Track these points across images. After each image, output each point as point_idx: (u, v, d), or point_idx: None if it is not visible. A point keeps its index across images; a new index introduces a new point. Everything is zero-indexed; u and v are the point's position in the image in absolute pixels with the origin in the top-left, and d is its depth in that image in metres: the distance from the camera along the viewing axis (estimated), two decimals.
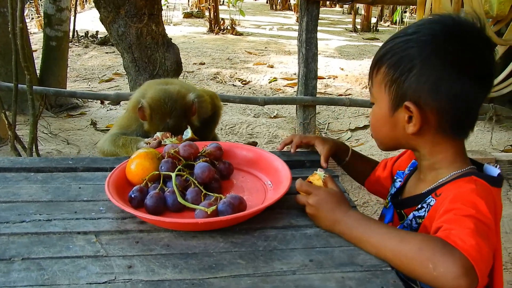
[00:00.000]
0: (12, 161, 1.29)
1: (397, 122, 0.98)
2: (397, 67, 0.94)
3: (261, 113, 4.29)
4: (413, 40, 0.94)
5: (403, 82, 0.94)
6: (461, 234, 0.80)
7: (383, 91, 0.98)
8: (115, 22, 2.68)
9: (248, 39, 8.76)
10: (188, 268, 0.84)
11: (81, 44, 7.55)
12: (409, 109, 0.94)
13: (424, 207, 0.98)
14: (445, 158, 0.99)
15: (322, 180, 1.01)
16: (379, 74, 0.99)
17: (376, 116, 1.04)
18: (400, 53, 0.94)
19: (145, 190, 1.05)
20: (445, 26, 0.94)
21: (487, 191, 0.92)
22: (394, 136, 1.02)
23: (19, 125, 3.37)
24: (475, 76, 0.92)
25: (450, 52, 0.91)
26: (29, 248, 0.89)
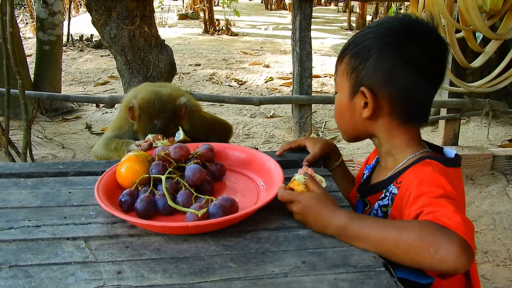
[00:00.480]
0: (2, 166, 1.27)
1: (355, 108, 1.07)
2: (357, 56, 1.04)
3: (257, 113, 4.28)
4: (373, 32, 1.04)
5: (361, 70, 1.03)
6: (447, 214, 0.84)
7: (345, 79, 1.07)
8: (107, 25, 2.67)
9: (243, 39, 8.75)
10: (178, 273, 0.82)
11: (76, 48, 7.52)
12: (364, 94, 1.02)
13: (387, 195, 1.04)
14: (400, 143, 1.06)
15: (302, 184, 0.98)
16: (342, 64, 1.08)
17: (338, 104, 1.12)
18: (360, 44, 1.04)
19: (136, 193, 1.03)
20: (403, 23, 1.05)
21: (442, 171, 0.98)
22: (353, 122, 1.09)
23: (14, 130, 3.36)
24: (425, 72, 1.01)
25: (403, 46, 1.00)
26: (17, 255, 0.87)
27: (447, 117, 3.01)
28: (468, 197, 2.64)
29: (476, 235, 2.28)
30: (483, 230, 2.34)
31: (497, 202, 2.60)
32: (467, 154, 2.92)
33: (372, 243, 0.87)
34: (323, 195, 0.96)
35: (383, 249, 0.86)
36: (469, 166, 2.92)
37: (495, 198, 2.65)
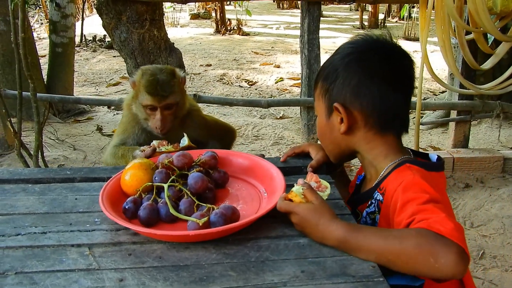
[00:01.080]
0: (11, 172, 1.30)
1: (333, 126, 1.12)
2: (327, 78, 1.11)
3: (267, 114, 4.29)
4: (339, 54, 1.12)
5: (332, 89, 1.09)
6: (439, 221, 0.86)
7: (321, 102, 1.13)
8: (117, 28, 2.70)
9: (254, 39, 8.76)
10: (179, 281, 0.84)
11: (89, 48, 7.61)
12: (338, 110, 1.07)
13: (373, 202, 1.08)
14: (379, 153, 1.10)
15: (301, 194, 0.98)
16: (317, 89, 1.15)
17: (319, 126, 1.19)
18: (328, 66, 1.12)
19: (139, 201, 1.05)
20: (365, 41, 1.12)
21: (422, 175, 1.01)
22: (333, 140, 1.15)
23: (27, 131, 3.42)
24: (390, 81, 1.07)
25: (366, 60, 1.08)
26: (23, 262, 0.90)
27: (457, 119, 2.99)
28: (477, 200, 2.62)
29: (484, 239, 2.26)
30: (492, 234, 2.32)
31: (508, 205, 2.57)
32: (477, 156, 2.89)
33: (373, 254, 0.88)
34: (320, 206, 0.96)
35: (384, 260, 0.87)
36: (480, 168, 2.89)
37: (506, 201, 2.62)
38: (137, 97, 1.54)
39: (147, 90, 1.49)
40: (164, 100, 1.50)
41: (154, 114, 1.51)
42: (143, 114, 1.53)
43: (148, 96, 1.49)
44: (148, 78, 1.51)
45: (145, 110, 1.52)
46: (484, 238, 2.26)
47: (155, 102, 1.49)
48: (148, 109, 1.51)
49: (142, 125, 1.58)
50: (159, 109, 1.50)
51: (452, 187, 2.77)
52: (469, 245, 2.18)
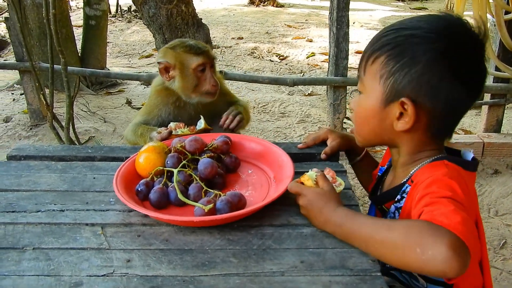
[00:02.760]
0: (37, 149, 1.37)
1: (386, 116, 0.98)
2: (398, 60, 0.93)
3: (295, 91, 4.25)
4: (418, 36, 0.92)
5: (402, 77, 0.93)
6: (445, 212, 0.80)
7: (377, 82, 0.96)
8: (146, 4, 2.72)
9: (288, 11, 8.59)
10: (182, 265, 0.88)
11: (124, 19, 7.69)
12: (404, 105, 0.94)
13: (404, 197, 0.99)
14: (423, 155, 1.01)
15: (313, 180, 1.00)
16: (375, 64, 0.96)
17: (363, 107, 1.02)
18: (402, 45, 0.93)
19: (151, 184, 1.09)
20: (452, 29, 0.93)
21: (458, 174, 0.94)
22: (379, 130, 1.01)
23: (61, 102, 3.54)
24: (470, 84, 0.94)
25: (453, 58, 0.91)
26: (41, 238, 0.96)
27: (491, 103, 2.87)
28: (505, 187, 2.54)
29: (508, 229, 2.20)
30: None
31: None
32: (509, 142, 2.78)
33: (362, 241, 0.88)
34: (328, 192, 0.98)
35: (371, 248, 0.86)
36: (511, 154, 2.79)
37: None
38: (181, 68, 1.52)
39: (193, 51, 1.52)
40: (209, 55, 1.55)
41: (204, 75, 1.54)
42: (193, 81, 1.53)
43: (197, 56, 1.52)
44: (185, 44, 1.54)
45: (195, 74, 1.52)
46: (507, 227, 2.20)
47: (204, 59, 1.53)
48: (199, 72, 1.53)
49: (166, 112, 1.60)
50: (207, 67, 1.54)
51: (480, 172, 2.70)
52: (491, 234, 2.14)
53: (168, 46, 1.59)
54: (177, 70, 1.52)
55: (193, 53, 1.52)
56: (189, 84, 1.53)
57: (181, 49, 1.52)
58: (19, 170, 1.24)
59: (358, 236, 0.88)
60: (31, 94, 3.24)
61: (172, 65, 1.53)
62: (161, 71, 1.55)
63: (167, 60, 1.53)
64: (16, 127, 3.28)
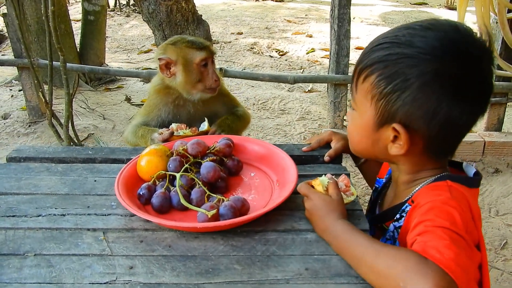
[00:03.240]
0: (37, 150, 1.36)
1: (379, 139, 0.93)
2: (389, 81, 0.86)
3: (295, 87, 4.23)
4: (412, 56, 0.84)
5: (394, 100, 0.86)
6: (437, 245, 0.75)
7: (368, 102, 0.91)
8: (146, 0, 2.69)
9: (288, 6, 8.54)
10: (185, 272, 0.87)
11: (123, 13, 7.64)
12: (397, 131, 0.89)
13: (403, 216, 0.95)
14: (424, 174, 0.96)
15: (324, 186, 0.99)
16: (366, 82, 0.90)
17: (356, 125, 0.98)
18: (395, 66, 0.85)
19: (153, 187, 1.08)
20: (449, 41, 0.85)
21: (462, 196, 0.88)
22: (373, 150, 0.97)
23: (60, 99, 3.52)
24: (474, 99, 0.87)
25: (452, 76, 0.84)
26: (42, 244, 0.95)
27: (492, 101, 2.86)
28: (506, 186, 2.54)
29: (509, 229, 2.20)
30: None
31: None
32: (510, 141, 2.78)
33: (354, 260, 0.85)
34: (336, 202, 0.96)
35: (361, 270, 0.83)
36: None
37: None
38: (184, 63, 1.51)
39: (196, 46, 1.51)
40: (211, 50, 1.55)
41: (206, 70, 1.53)
42: (195, 76, 1.52)
43: (199, 51, 1.51)
44: (187, 39, 1.53)
45: (199, 69, 1.52)
46: (508, 228, 2.20)
47: (207, 54, 1.52)
48: (202, 66, 1.52)
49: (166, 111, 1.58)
50: (209, 62, 1.54)
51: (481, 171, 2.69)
52: (492, 234, 2.13)
53: (168, 42, 1.57)
54: (180, 66, 1.51)
55: (195, 48, 1.51)
56: (192, 79, 1.52)
57: (183, 45, 1.51)
58: (19, 173, 1.23)
59: (351, 253, 0.86)
60: (30, 91, 3.22)
61: (174, 61, 1.51)
62: (162, 68, 1.53)
63: (169, 56, 1.51)
64: (15, 124, 3.26)
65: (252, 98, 3.85)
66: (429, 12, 7.95)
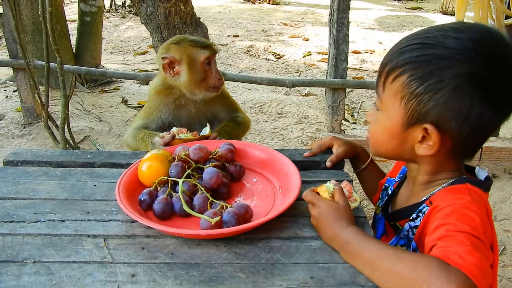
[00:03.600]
0: (35, 153, 1.33)
1: (407, 139, 0.94)
2: (422, 81, 0.86)
3: (292, 91, 4.22)
4: (447, 57, 0.85)
5: (426, 101, 0.87)
6: (459, 251, 0.76)
7: (397, 102, 0.91)
8: (144, 2, 2.68)
9: (284, 9, 8.56)
10: (189, 280, 0.85)
11: (119, 14, 7.61)
12: (427, 131, 0.89)
13: (419, 216, 0.96)
14: (443, 176, 0.97)
15: (330, 192, 0.99)
16: (396, 82, 0.90)
17: (382, 126, 0.98)
18: (429, 67, 0.86)
19: (155, 193, 1.06)
20: (482, 43, 0.86)
21: (481, 201, 0.90)
22: (399, 151, 0.97)
23: (55, 100, 3.49)
24: (503, 103, 0.88)
25: (485, 78, 0.84)
26: (41, 251, 0.92)
27: None
28: (503, 192, 2.55)
29: (507, 235, 2.21)
30: None
31: None
32: (507, 146, 2.79)
33: (367, 264, 0.84)
34: (343, 208, 0.96)
35: (376, 274, 0.83)
36: (509, 159, 2.79)
37: None
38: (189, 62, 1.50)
39: (200, 44, 1.51)
40: (214, 48, 1.55)
41: (210, 68, 1.53)
42: (200, 75, 1.52)
43: (203, 49, 1.51)
44: (190, 38, 1.53)
45: (203, 67, 1.52)
46: (506, 233, 2.20)
47: (211, 52, 1.52)
48: (206, 65, 1.52)
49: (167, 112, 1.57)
50: (213, 61, 1.54)
51: None
52: None
53: (170, 41, 1.56)
54: (184, 65, 1.50)
55: (200, 47, 1.51)
56: (196, 78, 1.51)
57: (187, 43, 1.51)
58: (16, 177, 1.20)
59: (364, 258, 0.85)
60: (25, 92, 3.19)
61: (178, 59, 1.50)
62: (165, 67, 1.51)
63: (172, 55, 1.50)
64: (9, 125, 3.22)
65: (249, 101, 3.84)
66: (424, 17, 8.00)
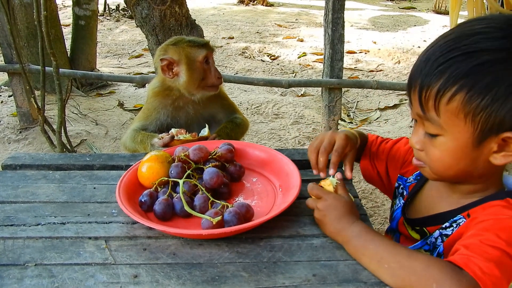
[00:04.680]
0: (33, 157, 1.33)
1: (481, 154, 0.87)
2: (485, 93, 0.80)
3: (288, 91, 4.23)
4: (501, 60, 0.80)
5: (497, 110, 0.81)
6: (482, 264, 0.76)
7: (462, 121, 0.84)
8: (139, 5, 2.67)
9: (278, 10, 8.58)
10: (191, 280, 0.85)
11: (113, 18, 7.60)
12: (506, 140, 0.83)
13: (453, 226, 0.93)
14: (490, 184, 0.94)
15: (333, 187, 0.99)
16: (453, 102, 0.82)
17: (447, 149, 0.89)
18: (487, 76, 0.80)
19: (155, 194, 1.06)
20: None
21: None
22: (471, 169, 0.90)
23: (51, 105, 3.47)
24: None
25: None
26: (42, 254, 0.92)
27: None
28: None
29: None
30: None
31: None
32: None
33: (375, 258, 0.85)
34: (350, 202, 0.97)
35: (384, 268, 0.83)
36: None
37: None
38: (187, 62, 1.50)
39: (197, 44, 1.52)
40: (211, 46, 1.56)
41: (209, 67, 1.54)
42: (199, 74, 1.52)
43: (201, 48, 1.52)
44: (187, 39, 1.54)
45: (202, 66, 1.52)
46: None
47: (208, 50, 1.53)
48: (204, 64, 1.53)
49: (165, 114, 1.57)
50: (211, 59, 1.55)
51: None
52: None
53: (168, 43, 1.56)
54: (183, 65, 1.50)
55: (197, 46, 1.52)
56: (196, 77, 1.52)
57: (184, 44, 1.51)
58: (15, 181, 1.20)
59: (372, 252, 0.86)
60: (21, 97, 3.17)
61: (177, 60, 1.50)
62: (164, 69, 1.52)
63: (171, 56, 1.50)
64: (5, 130, 3.20)
65: (245, 103, 3.84)
66: (418, 16, 8.04)
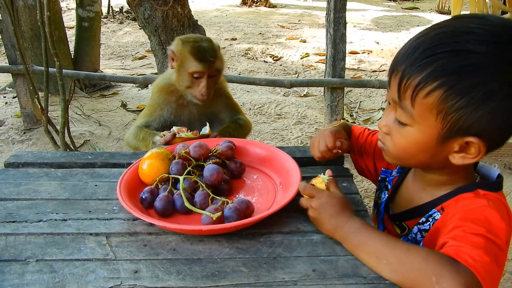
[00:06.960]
0: (35, 155, 1.34)
1: (442, 151, 0.89)
2: (463, 95, 0.80)
3: (290, 92, 4.24)
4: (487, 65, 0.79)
5: (469, 114, 0.81)
6: (471, 252, 0.78)
7: (433, 117, 0.84)
8: (141, 5, 2.69)
9: (281, 12, 8.60)
10: (191, 275, 0.86)
11: (116, 20, 7.64)
12: (469, 143, 0.85)
13: (429, 220, 0.96)
14: (459, 177, 0.96)
15: (325, 184, 0.99)
16: (429, 97, 0.82)
17: (411, 140, 0.90)
18: (469, 78, 0.79)
19: (156, 191, 1.07)
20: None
21: (497, 201, 0.89)
22: (429, 162, 0.93)
23: (55, 106, 3.49)
24: None
25: None
26: (44, 249, 0.93)
27: None
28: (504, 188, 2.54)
29: None
30: None
31: None
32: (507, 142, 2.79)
33: (373, 254, 0.85)
34: (343, 198, 0.97)
35: (383, 263, 0.83)
36: (509, 154, 2.80)
37: None
38: (181, 65, 1.49)
39: (196, 56, 1.46)
40: (211, 66, 1.48)
41: (199, 81, 1.49)
42: (186, 82, 1.50)
43: (197, 62, 1.46)
44: (194, 45, 1.48)
45: (191, 77, 1.49)
46: None
47: (204, 68, 1.47)
48: (194, 77, 1.49)
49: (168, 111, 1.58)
50: (205, 76, 1.49)
51: None
52: None
53: (183, 37, 1.55)
54: (177, 65, 1.52)
55: (195, 58, 1.47)
56: (182, 82, 1.52)
57: (187, 48, 1.48)
58: (17, 178, 1.21)
59: (370, 248, 0.86)
60: (25, 98, 3.19)
61: (176, 57, 1.52)
62: (170, 56, 1.55)
63: (173, 50, 1.52)
64: (9, 131, 3.22)
65: (248, 103, 3.85)
66: (421, 17, 8.03)
